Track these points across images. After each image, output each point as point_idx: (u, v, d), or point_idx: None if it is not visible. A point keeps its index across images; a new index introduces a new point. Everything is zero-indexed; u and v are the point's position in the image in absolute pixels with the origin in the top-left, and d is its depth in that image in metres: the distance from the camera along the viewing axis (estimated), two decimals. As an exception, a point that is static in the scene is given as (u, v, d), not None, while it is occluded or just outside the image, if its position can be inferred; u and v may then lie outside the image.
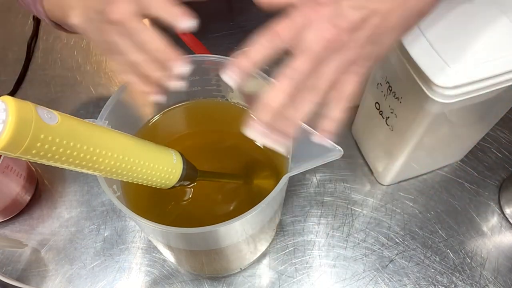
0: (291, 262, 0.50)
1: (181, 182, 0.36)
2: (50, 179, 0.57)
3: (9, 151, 0.22)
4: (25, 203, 0.55)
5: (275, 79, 0.28)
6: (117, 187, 0.37)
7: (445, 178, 0.57)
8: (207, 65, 0.41)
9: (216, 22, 0.73)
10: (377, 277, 0.49)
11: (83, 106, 0.63)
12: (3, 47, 0.71)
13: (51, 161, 0.25)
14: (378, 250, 0.51)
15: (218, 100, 0.46)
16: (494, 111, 0.48)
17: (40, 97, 0.65)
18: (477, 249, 0.51)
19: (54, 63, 0.69)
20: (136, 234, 0.52)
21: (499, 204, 0.54)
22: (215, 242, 0.37)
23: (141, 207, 0.40)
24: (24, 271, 0.50)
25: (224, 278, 0.49)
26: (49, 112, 0.24)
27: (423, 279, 0.49)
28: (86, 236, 0.52)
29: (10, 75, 0.67)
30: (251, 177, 0.44)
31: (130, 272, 0.50)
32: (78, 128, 0.26)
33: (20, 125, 0.22)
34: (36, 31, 0.72)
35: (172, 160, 0.34)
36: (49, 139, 0.24)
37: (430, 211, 0.54)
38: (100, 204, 0.55)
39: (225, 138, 0.47)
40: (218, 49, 0.69)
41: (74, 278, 0.50)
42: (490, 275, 0.49)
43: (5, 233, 0.53)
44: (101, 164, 0.28)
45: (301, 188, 0.56)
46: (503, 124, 0.61)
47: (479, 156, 0.58)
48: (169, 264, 0.50)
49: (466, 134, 0.52)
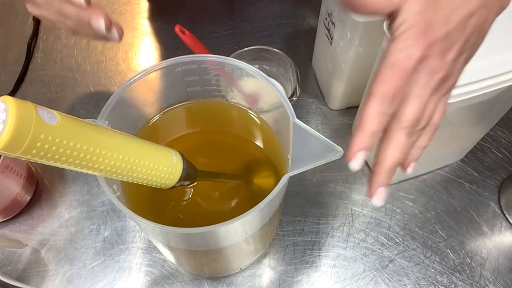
0: (291, 262, 0.50)
1: (181, 182, 0.35)
2: (50, 179, 0.57)
3: (9, 151, 0.22)
4: (25, 203, 0.55)
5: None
6: (117, 187, 0.36)
7: (445, 178, 0.57)
8: (207, 65, 0.41)
9: (216, 22, 0.73)
10: (377, 277, 0.49)
11: (83, 106, 0.63)
12: (3, 47, 0.71)
13: (51, 161, 0.25)
14: (378, 250, 0.51)
15: (218, 100, 0.46)
16: (494, 111, 0.48)
17: (40, 97, 0.65)
18: (477, 249, 0.51)
19: (54, 63, 0.69)
20: (136, 234, 0.52)
21: (499, 204, 0.54)
22: (215, 242, 0.37)
23: (141, 207, 0.40)
24: (24, 271, 0.50)
25: (224, 278, 0.49)
26: (49, 112, 0.24)
27: (423, 279, 0.49)
28: (86, 236, 0.52)
29: (10, 75, 0.67)
30: (251, 177, 0.44)
31: (130, 272, 0.50)
32: (78, 128, 0.26)
33: (20, 125, 0.22)
34: (36, 31, 0.73)
35: (172, 160, 0.34)
36: (49, 139, 0.24)
37: (430, 211, 0.54)
38: (100, 204, 0.55)
39: (225, 138, 0.47)
40: (218, 49, 0.70)
41: (74, 278, 0.50)
42: (490, 275, 0.49)
43: (5, 233, 0.53)
44: (101, 164, 0.28)
45: (301, 188, 0.56)
46: (503, 124, 0.61)
47: (479, 156, 0.58)
48: (169, 264, 0.50)
49: (466, 134, 0.52)
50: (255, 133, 0.46)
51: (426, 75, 0.26)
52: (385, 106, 0.26)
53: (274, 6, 0.76)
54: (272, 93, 0.38)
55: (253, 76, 0.39)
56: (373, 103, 0.26)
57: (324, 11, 0.56)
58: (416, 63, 0.26)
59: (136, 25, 0.74)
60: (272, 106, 0.41)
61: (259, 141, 0.45)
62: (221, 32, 0.72)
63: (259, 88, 0.45)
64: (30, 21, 0.74)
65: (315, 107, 0.63)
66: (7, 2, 0.78)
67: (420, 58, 0.26)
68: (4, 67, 0.69)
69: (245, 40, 0.70)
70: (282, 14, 0.75)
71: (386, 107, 0.26)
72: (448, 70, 0.27)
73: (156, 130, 0.45)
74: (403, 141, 0.27)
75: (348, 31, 0.49)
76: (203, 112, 0.47)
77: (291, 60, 0.56)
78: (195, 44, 0.50)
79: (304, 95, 0.64)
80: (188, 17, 0.74)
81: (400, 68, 0.26)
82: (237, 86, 0.48)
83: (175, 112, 0.45)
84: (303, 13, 0.75)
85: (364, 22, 0.46)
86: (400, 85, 0.26)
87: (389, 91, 0.26)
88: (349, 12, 0.27)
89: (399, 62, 0.26)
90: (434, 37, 0.26)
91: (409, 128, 0.27)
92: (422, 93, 0.27)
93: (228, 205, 0.42)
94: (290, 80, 0.56)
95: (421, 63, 0.26)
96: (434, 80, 0.27)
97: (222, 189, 0.43)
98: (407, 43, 0.26)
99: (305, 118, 0.62)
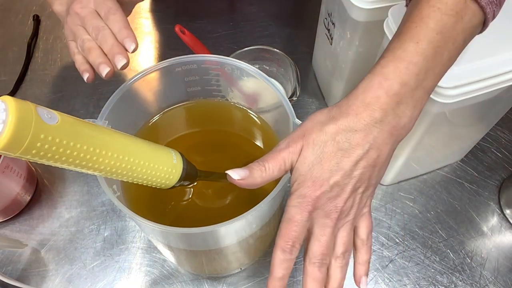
0: (291, 262, 0.50)
1: (181, 182, 0.35)
2: (50, 179, 0.57)
3: (9, 151, 0.22)
4: (25, 203, 0.55)
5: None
6: (117, 187, 0.37)
7: (445, 178, 0.57)
8: (207, 65, 0.41)
9: (216, 22, 0.73)
10: (377, 277, 0.49)
11: (83, 106, 0.63)
12: (3, 47, 0.71)
13: (51, 161, 0.25)
14: (378, 250, 0.51)
15: (218, 100, 0.46)
16: (494, 111, 0.48)
17: (40, 97, 0.65)
18: (477, 249, 0.51)
19: (54, 63, 0.69)
20: (136, 234, 0.52)
21: (499, 204, 0.54)
22: (215, 242, 0.37)
23: (141, 207, 0.40)
24: (24, 271, 0.50)
25: (224, 278, 0.49)
26: (49, 112, 0.24)
27: (423, 279, 0.49)
28: (86, 236, 0.52)
29: (10, 75, 0.67)
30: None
31: (130, 272, 0.50)
32: (78, 128, 0.26)
33: (20, 125, 0.22)
34: (36, 31, 0.73)
35: (172, 160, 0.34)
36: (49, 139, 0.24)
37: (430, 211, 0.54)
38: (100, 204, 0.55)
39: (225, 138, 0.47)
40: (218, 49, 0.70)
41: (74, 278, 0.50)
42: (490, 275, 0.49)
43: (5, 233, 0.53)
44: (101, 164, 0.28)
45: (301, 188, 0.56)
46: (503, 124, 0.61)
47: (479, 156, 0.58)
48: (169, 264, 0.50)
49: (466, 134, 0.52)
50: (255, 133, 0.46)
51: (322, 217, 0.31)
52: (286, 254, 0.31)
53: (274, 6, 0.76)
54: (272, 93, 0.38)
55: (253, 76, 0.40)
56: (277, 253, 0.31)
57: (324, 11, 0.56)
58: (308, 214, 0.30)
59: (136, 25, 0.74)
60: (272, 106, 0.41)
61: (259, 141, 0.45)
62: (221, 32, 0.72)
63: (259, 88, 0.45)
64: (30, 21, 0.74)
65: (315, 107, 0.63)
66: (7, 2, 0.78)
67: (312, 210, 0.30)
68: (4, 67, 0.69)
69: (245, 40, 0.70)
70: (282, 14, 0.75)
71: (288, 255, 0.31)
72: (341, 208, 0.31)
73: (156, 130, 0.45)
74: (317, 273, 0.31)
75: (348, 31, 0.49)
76: (203, 112, 0.47)
77: (291, 60, 0.56)
78: (195, 44, 0.50)
79: (304, 95, 0.64)
80: (188, 17, 0.74)
81: (294, 221, 0.30)
82: (237, 86, 0.48)
83: (175, 112, 0.45)
84: (303, 13, 0.75)
85: (364, 22, 0.46)
86: (297, 235, 0.31)
87: (288, 242, 0.30)
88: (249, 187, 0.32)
89: (293, 216, 0.31)
90: (320, 191, 0.30)
91: (320, 261, 0.31)
92: (323, 231, 0.31)
93: (228, 205, 0.42)
94: (290, 80, 0.56)
95: (314, 211, 0.31)
96: (331, 219, 0.31)
97: (222, 189, 0.43)
98: (299, 200, 0.30)
99: (305, 118, 0.62)
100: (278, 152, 0.31)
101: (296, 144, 0.31)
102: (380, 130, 0.30)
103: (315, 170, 0.30)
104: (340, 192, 0.31)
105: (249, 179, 0.31)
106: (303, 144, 0.31)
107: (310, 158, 0.31)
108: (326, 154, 0.30)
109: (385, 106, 0.30)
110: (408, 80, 0.30)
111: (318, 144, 0.30)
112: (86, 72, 0.41)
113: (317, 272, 0.31)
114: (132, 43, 0.38)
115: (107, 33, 0.39)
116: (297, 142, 0.31)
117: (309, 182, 0.30)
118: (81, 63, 0.42)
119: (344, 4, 0.47)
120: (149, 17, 0.75)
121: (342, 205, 0.31)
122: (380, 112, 0.30)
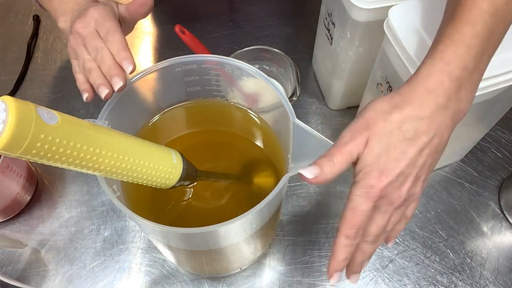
0: (291, 262, 0.50)
1: (181, 182, 0.35)
2: (50, 179, 0.57)
3: (9, 151, 0.22)
4: (25, 203, 0.55)
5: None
6: (117, 187, 0.36)
7: (445, 178, 0.57)
8: (207, 65, 0.41)
9: (216, 22, 0.73)
10: (377, 277, 0.49)
11: (83, 106, 0.63)
12: (3, 47, 0.71)
13: (51, 161, 0.25)
14: (378, 250, 0.51)
15: (218, 100, 0.46)
16: (494, 111, 0.48)
17: (40, 97, 0.65)
18: (477, 249, 0.51)
19: (54, 63, 0.69)
20: (136, 234, 0.52)
21: (499, 204, 0.54)
22: (215, 242, 0.37)
23: (141, 207, 0.40)
24: (24, 271, 0.50)
25: (224, 278, 0.49)
26: (49, 112, 0.24)
27: (423, 279, 0.49)
28: (86, 236, 0.52)
29: (10, 75, 0.67)
30: (251, 177, 0.44)
31: (130, 272, 0.50)
32: (78, 128, 0.26)
33: (20, 125, 0.22)
34: (36, 31, 0.73)
35: (172, 160, 0.34)
36: (49, 139, 0.24)
37: (430, 211, 0.54)
38: (100, 204, 0.55)
39: (225, 138, 0.47)
40: (218, 49, 0.70)
41: (74, 278, 0.50)
42: (490, 275, 0.49)
43: (5, 233, 0.53)
44: (101, 164, 0.28)
45: (301, 188, 0.56)
46: (503, 124, 0.61)
47: (479, 156, 0.58)
48: (169, 264, 0.50)
49: (466, 134, 0.52)
50: (255, 133, 0.46)
51: (385, 205, 0.31)
52: (350, 240, 0.31)
53: (274, 6, 0.76)
54: (272, 93, 0.38)
55: (253, 76, 0.39)
56: (341, 238, 0.32)
57: (324, 11, 0.56)
58: (373, 204, 0.31)
59: (136, 25, 0.74)
60: (272, 106, 0.41)
61: (259, 141, 0.45)
62: (221, 32, 0.72)
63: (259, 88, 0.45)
64: (30, 21, 0.74)
65: (315, 107, 0.63)
66: (7, 2, 0.78)
67: (377, 199, 0.31)
68: (4, 67, 0.69)
69: (245, 40, 0.70)
70: (282, 14, 0.75)
71: (351, 240, 0.31)
72: (405, 197, 0.31)
73: (156, 130, 0.45)
74: (367, 248, 0.33)
75: (348, 31, 0.49)
76: (203, 112, 0.47)
77: (291, 60, 0.56)
78: (195, 44, 0.50)
79: (304, 95, 0.64)
80: (188, 17, 0.74)
81: (360, 210, 0.31)
82: (237, 86, 0.48)
83: (175, 112, 0.45)
84: (303, 13, 0.75)
85: (364, 22, 0.46)
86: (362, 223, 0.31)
87: (352, 230, 0.31)
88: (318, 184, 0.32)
89: (359, 205, 0.31)
90: (387, 181, 0.30)
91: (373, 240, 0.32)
92: (383, 217, 0.32)
93: (228, 205, 0.42)
94: (290, 80, 0.56)
95: (379, 200, 0.31)
96: (393, 206, 0.31)
97: (222, 189, 0.43)
98: (365, 190, 0.30)
99: (305, 118, 0.62)
100: (344, 145, 0.31)
101: (361, 135, 0.31)
102: (443, 116, 0.31)
103: (381, 161, 0.30)
104: (404, 181, 0.31)
105: (321, 176, 0.30)
106: (369, 135, 0.31)
107: (377, 148, 0.30)
108: (392, 144, 0.30)
109: (449, 91, 0.30)
110: (468, 64, 0.30)
111: (384, 134, 0.30)
112: (86, 92, 0.41)
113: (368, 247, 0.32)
114: (129, 65, 0.38)
115: (106, 54, 0.39)
116: (362, 133, 0.31)
117: (376, 173, 0.30)
118: (82, 82, 0.42)
119: (344, 4, 0.47)
120: (149, 17, 0.75)
121: (405, 194, 0.31)
122: (444, 98, 0.30)
